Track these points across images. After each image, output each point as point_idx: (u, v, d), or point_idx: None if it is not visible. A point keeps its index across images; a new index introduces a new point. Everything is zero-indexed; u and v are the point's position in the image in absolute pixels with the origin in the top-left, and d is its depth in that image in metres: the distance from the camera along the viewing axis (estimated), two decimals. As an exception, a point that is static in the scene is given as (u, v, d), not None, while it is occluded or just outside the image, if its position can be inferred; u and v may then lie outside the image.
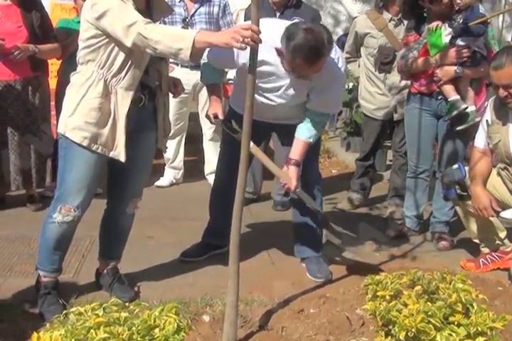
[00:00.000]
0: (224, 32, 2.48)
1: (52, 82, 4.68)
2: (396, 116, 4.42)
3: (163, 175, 5.12)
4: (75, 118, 2.71)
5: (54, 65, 4.90)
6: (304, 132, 3.18)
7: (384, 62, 4.35)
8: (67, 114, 2.74)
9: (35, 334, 2.12)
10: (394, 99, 4.39)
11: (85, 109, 2.69)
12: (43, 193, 4.58)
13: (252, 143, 2.87)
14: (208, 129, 4.97)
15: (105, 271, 3.16)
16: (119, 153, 2.74)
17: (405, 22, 4.25)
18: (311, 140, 3.19)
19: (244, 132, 2.42)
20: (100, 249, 3.19)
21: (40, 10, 4.25)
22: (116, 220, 3.08)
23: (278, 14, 4.30)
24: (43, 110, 4.33)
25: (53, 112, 4.62)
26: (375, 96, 4.48)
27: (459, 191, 3.49)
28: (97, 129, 2.70)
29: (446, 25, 3.62)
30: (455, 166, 3.52)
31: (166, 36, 2.50)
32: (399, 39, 4.25)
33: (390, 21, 4.33)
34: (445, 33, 3.64)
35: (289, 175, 3.12)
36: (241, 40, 2.32)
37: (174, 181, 5.12)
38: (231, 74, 4.66)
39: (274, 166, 3.16)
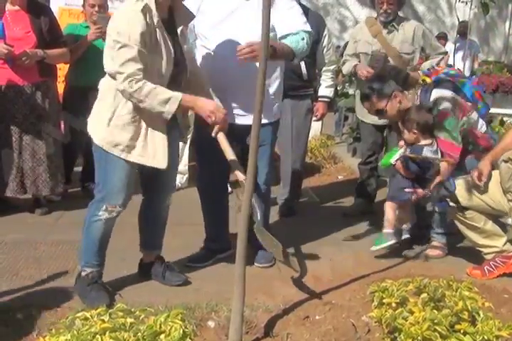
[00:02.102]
0: (206, 104, 2.87)
1: (60, 87, 4.71)
2: (384, 120, 4.42)
3: None
4: (110, 131, 2.88)
5: (61, 69, 4.92)
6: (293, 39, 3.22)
7: (375, 67, 4.40)
8: (102, 126, 2.89)
9: (40, 339, 2.12)
10: None
11: (120, 124, 2.87)
12: (49, 198, 4.59)
13: (222, 134, 2.95)
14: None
15: (154, 261, 3.33)
16: (159, 161, 2.92)
17: (399, 29, 4.38)
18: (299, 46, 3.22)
19: (252, 136, 2.42)
20: (143, 241, 3.34)
21: (48, 15, 4.28)
22: (158, 212, 3.26)
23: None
24: (52, 114, 4.34)
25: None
26: None
27: (451, 203, 3.49)
28: (132, 142, 2.88)
29: (408, 150, 3.62)
30: (445, 179, 3.53)
31: (152, 99, 2.77)
32: (392, 45, 4.37)
33: (384, 28, 4.40)
34: (397, 155, 3.64)
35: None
36: (212, 120, 2.84)
37: (180, 185, 5.13)
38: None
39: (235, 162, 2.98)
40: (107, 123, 2.87)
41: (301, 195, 4.91)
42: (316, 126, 6.49)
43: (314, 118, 4.64)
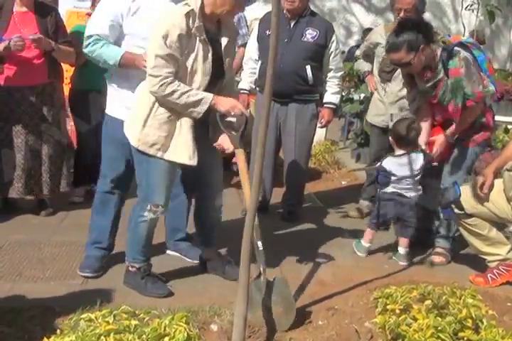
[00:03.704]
0: (227, 100, 3.04)
1: (66, 89, 4.72)
2: (391, 124, 4.43)
3: None
4: (146, 132, 3.00)
5: (68, 71, 4.94)
6: None
7: (385, 71, 4.41)
8: (138, 126, 3.02)
9: (45, 340, 2.13)
10: (391, 107, 4.41)
11: (156, 124, 3.00)
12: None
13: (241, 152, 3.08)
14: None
15: (213, 256, 3.47)
16: (190, 158, 3.03)
17: None
18: None
19: (259, 143, 2.42)
20: (201, 240, 3.52)
21: (55, 16, 4.29)
22: (206, 211, 3.42)
23: (292, 23, 4.33)
24: (56, 116, 4.35)
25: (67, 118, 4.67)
26: (376, 102, 4.59)
27: (456, 210, 3.49)
28: (167, 141, 3.01)
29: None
30: (450, 186, 3.53)
31: (184, 101, 2.92)
32: None
33: None
34: None
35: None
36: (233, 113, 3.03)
37: None
38: (243, 84, 4.69)
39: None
40: (142, 124, 3.00)
41: (305, 200, 4.91)
42: (320, 132, 6.49)
43: (319, 124, 4.64)
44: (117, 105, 3.38)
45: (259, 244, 2.97)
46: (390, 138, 3.90)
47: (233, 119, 3.09)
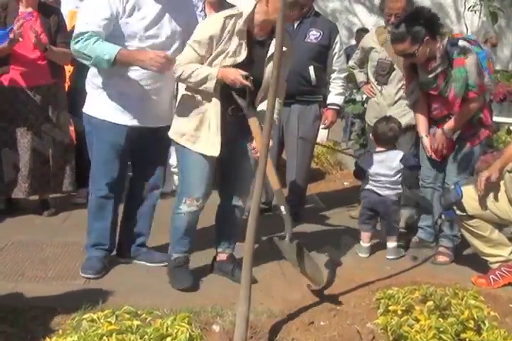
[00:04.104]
0: (229, 72, 3.01)
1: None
2: None
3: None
4: (179, 123, 3.16)
5: (69, 72, 4.93)
6: None
7: (381, 74, 4.42)
8: (174, 117, 3.22)
9: (47, 340, 2.13)
10: (388, 109, 4.41)
11: (186, 116, 3.13)
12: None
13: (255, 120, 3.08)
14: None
15: (225, 258, 3.47)
16: (216, 150, 3.09)
17: None
18: None
19: (264, 136, 2.42)
20: (217, 240, 3.50)
21: (57, 15, 4.33)
22: (226, 212, 3.44)
23: (295, 24, 4.33)
24: (60, 116, 4.37)
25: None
26: (374, 105, 4.59)
27: (458, 211, 3.49)
28: (197, 132, 3.11)
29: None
30: (451, 187, 3.54)
31: (194, 79, 3.01)
32: None
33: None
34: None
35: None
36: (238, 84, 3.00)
37: (173, 188, 4.96)
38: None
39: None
40: (177, 114, 3.15)
41: (307, 201, 4.91)
42: (322, 132, 6.49)
43: (322, 125, 4.64)
44: (100, 105, 3.29)
45: (282, 208, 3.06)
46: (370, 135, 4.04)
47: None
